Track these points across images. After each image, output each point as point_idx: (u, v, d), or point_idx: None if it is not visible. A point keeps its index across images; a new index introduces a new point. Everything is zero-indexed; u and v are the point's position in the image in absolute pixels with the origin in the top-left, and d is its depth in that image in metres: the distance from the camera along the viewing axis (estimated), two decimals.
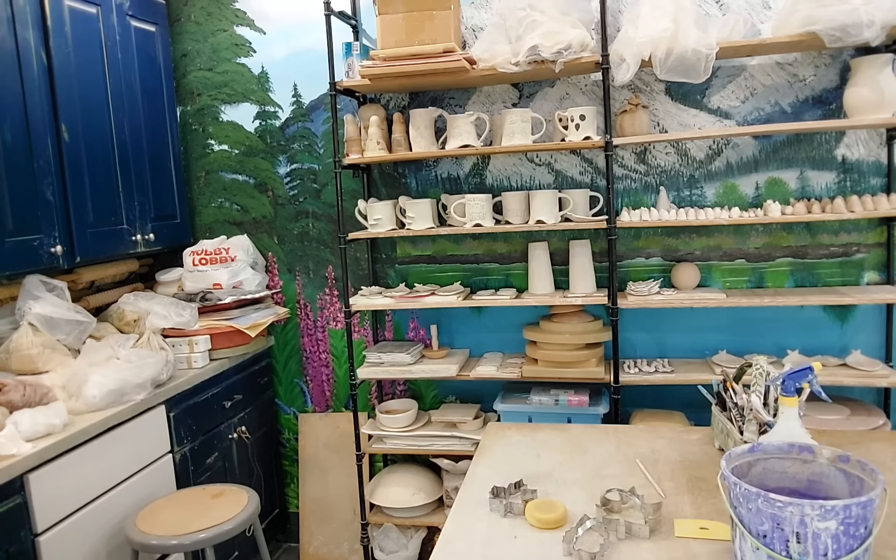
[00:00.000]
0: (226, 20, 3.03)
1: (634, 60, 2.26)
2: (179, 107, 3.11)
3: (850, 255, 2.52)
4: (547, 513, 1.28)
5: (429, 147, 2.58)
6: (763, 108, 2.52)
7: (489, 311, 2.85)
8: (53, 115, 2.31)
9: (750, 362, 1.56)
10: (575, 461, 1.57)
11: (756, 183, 2.56)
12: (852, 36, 2.10)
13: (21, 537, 1.78)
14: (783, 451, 1.12)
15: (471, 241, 2.84)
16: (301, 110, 2.99)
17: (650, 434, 1.72)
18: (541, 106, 2.69)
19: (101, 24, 2.55)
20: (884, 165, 2.45)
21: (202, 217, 3.17)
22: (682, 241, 2.65)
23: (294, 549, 3.15)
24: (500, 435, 1.79)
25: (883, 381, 2.28)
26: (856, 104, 2.26)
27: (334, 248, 3.02)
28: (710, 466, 1.48)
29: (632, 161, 2.67)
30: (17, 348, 2.17)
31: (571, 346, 2.53)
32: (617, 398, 2.46)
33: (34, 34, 2.23)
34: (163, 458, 2.35)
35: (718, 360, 2.50)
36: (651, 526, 1.21)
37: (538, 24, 2.32)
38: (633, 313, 2.65)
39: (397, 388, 3.03)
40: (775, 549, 0.94)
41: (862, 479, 1.02)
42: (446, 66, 2.33)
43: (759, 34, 2.42)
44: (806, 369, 1.27)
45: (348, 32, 2.82)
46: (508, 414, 2.54)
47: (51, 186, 2.27)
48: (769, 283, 2.60)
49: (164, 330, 2.54)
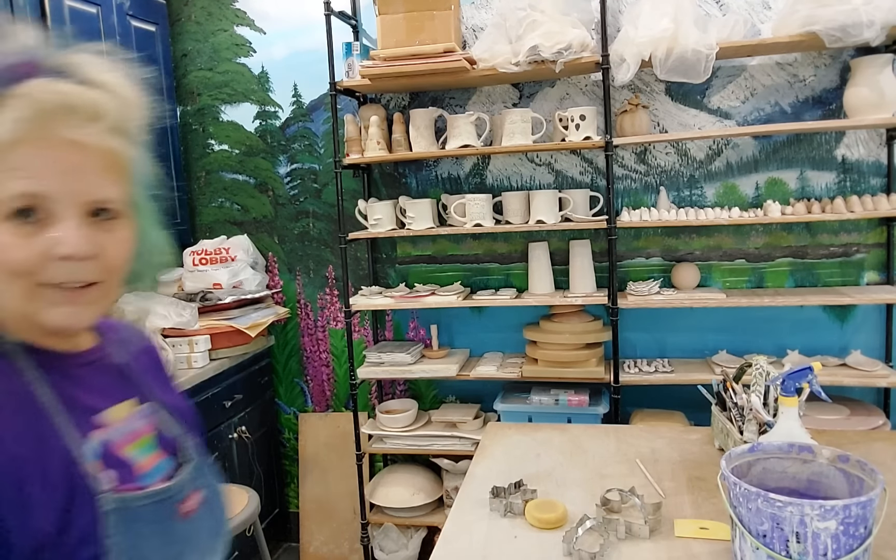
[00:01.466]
0: (226, 20, 3.03)
1: (634, 60, 2.26)
2: (179, 107, 3.11)
3: (850, 255, 2.52)
4: (547, 513, 1.28)
5: (429, 147, 2.58)
6: (763, 108, 2.52)
7: (489, 310, 2.85)
8: None
9: (750, 362, 1.56)
10: (575, 461, 1.57)
11: (756, 183, 2.56)
12: (852, 36, 2.10)
13: None
14: (783, 451, 1.12)
15: (471, 241, 2.84)
16: (301, 110, 2.99)
17: (650, 434, 1.72)
18: (541, 106, 2.69)
19: (102, 23, 2.55)
20: (884, 165, 2.45)
21: (202, 217, 3.17)
22: (682, 241, 2.65)
23: (294, 548, 3.15)
24: (500, 435, 1.79)
25: (883, 381, 2.28)
26: (856, 104, 2.26)
27: (334, 248, 3.02)
28: (710, 466, 1.48)
29: (632, 161, 2.67)
30: None
31: (571, 346, 2.53)
32: (617, 398, 2.47)
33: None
34: None
35: (718, 360, 2.50)
36: (651, 526, 1.21)
37: (538, 24, 2.32)
38: (633, 313, 2.65)
39: (397, 388, 3.03)
40: (775, 548, 0.94)
41: (862, 479, 1.02)
42: (446, 66, 2.33)
43: (759, 34, 2.42)
44: (806, 369, 1.27)
45: (348, 32, 2.82)
46: (508, 414, 2.54)
47: None
48: (769, 283, 2.60)
49: (164, 330, 2.54)
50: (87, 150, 0.68)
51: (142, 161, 0.77)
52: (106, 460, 0.73)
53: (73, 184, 0.67)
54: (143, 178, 0.79)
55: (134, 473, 0.75)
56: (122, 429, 0.77)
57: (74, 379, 0.76)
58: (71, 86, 0.68)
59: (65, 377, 0.75)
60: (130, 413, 0.79)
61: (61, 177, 0.67)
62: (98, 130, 0.69)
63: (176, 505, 0.77)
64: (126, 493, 0.72)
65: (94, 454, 0.72)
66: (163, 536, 0.75)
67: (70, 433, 0.70)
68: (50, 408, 0.70)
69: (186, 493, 0.79)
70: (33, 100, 0.65)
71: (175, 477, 0.79)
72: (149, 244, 0.81)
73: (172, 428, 0.83)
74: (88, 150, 0.68)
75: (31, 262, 0.66)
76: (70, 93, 0.67)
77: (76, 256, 0.67)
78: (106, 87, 0.71)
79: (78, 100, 0.68)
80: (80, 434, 0.71)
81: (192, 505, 0.79)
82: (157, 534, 0.74)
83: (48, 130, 0.66)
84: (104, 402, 0.77)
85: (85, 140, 0.68)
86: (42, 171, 0.66)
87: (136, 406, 0.81)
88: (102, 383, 0.79)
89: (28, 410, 0.69)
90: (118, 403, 0.78)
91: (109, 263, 0.72)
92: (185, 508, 0.78)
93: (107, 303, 0.76)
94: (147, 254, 0.81)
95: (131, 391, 0.82)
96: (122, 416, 0.78)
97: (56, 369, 0.74)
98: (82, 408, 0.74)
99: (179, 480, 0.78)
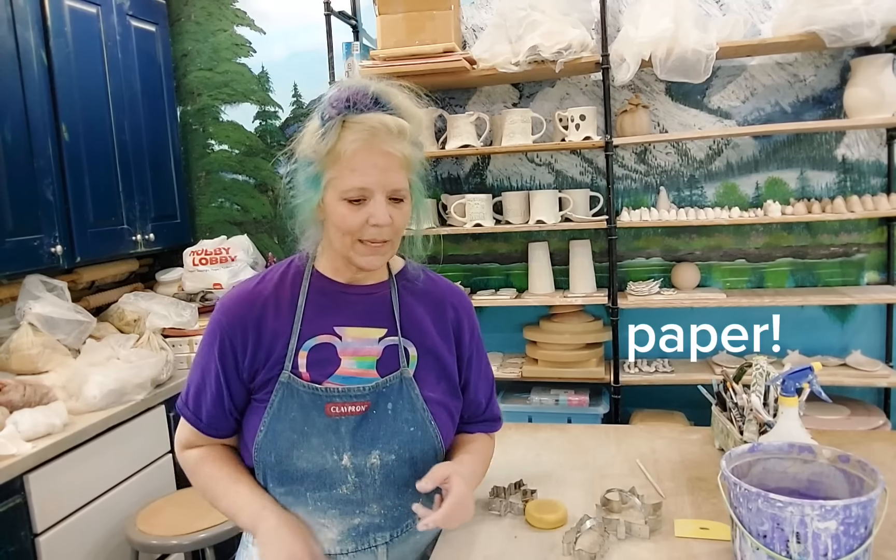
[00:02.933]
0: (226, 20, 3.03)
1: (634, 60, 2.26)
2: (180, 107, 3.11)
3: (850, 255, 2.52)
4: (547, 513, 1.28)
5: (429, 147, 2.58)
6: (763, 108, 2.52)
7: (489, 310, 2.85)
8: (53, 115, 2.31)
9: (750, 362, 1.56)
10: (575, 461, 1.57)
11: (756, 183, 2.56)
12: (852, 36, 2.10)
13: (21, 537, 1.78)
14: (783, 451, 1.11)
15: (471, 240, 2.84)
16: (301, 110, 2.98)
17: (650, 434, 1.72)
18: (541, 106, 2.69)
19: (102, 24, 2.55)
20: (884, 165, 2.44)
21: (202, 217, 3.17)
22: (682, 241, 2.65)
23: None
24: (500, 435, 1.79)
25: (883, 381, 2.28)
26: (856, 104, 2.26)
27: None
28: (710, 466, 1.48)
29: (632, 161, 2.66)
30: (17, 348, 2.17)
31: (571, 346, 2.53)
32: (617, 398, 2.46)
33: (34, 34, 2.23)
34: (163, 458, 2.35)
35: (718, 360, 2.50)
36: (651, 526, 1.21)
37: (538, 24, 2.32)
38: (633, 313, 2.65)
39: None
40: (775, 549, 0.94)
41: (862, 479, 1.01)
42: (446, 66, 2.33)
43: (759, 34, 2.42)
44: (806, 369, 1.27)
45: (348, 32, 2.82)
46: (508, 414, 2.54)
47: (51, 186, 2.27)
48: (769, 283, 2.60)
49: (165, 330, 2.54)
50: (393, 157, 1.04)
51: (420, 159, 1.11)
52: (313, 355, 1.11)
53: (384, 179, 1.04)
54: (420, 171, 1.12)
55: (330, 373, 1.11)
56: (350, 343, 1.13)
57: (339, 301, 1.15)
58: (387, 116, 1.03)
59: (329, 298, 1.14)
60: (365, 336, 1.13)
61: (377, 174, 1.03)
62: (402, 144, 1.05)
63: (325, 403, 1.09)
64: (295, 379, 1.09)
65: (306, 347, 1.11)
66: (304, 419, 1.08)
67: (299, 331, 1.11)
68: (298, 312, 1.12)
69: (344, 400, 1.10)
70: (367, 126, 1.02)
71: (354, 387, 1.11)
72: (419, 214, 1.16)
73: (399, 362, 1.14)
74: (394, 157, 1.04)
75: (356, 226, 1.04)
76: (387, 121, 1.03)
77: (382, 224, 1.04)
78: (407, 112, 1.07)
79: (392, 124, 1.03)
80: (311, 333, 1.12)
81: (341, 410, 1.09)
82: (300, 412, 1.09)
83: (373, 144, 1.02)
84: (354, 322, 1.14)
85: (393, 151, 1.03)
86: (368, 170, 1.03)
87: (378, 333, 1.14)
88: (363, 310, 1.15)
89: (286, 311, 1.12)
90: (366, 327, 1.14)
91: (397, 228, 1.08)
92: (332, 410, 1.09)
93: (391, 254, 1.13)
94: (418, 221, 1.16)
95: (385, 322, 1.15)
96: (357, 336, 1.13)
97: (328, 293, 1.14)
98: (331, 320, 1.13)
99: (334, 388, 1.10)
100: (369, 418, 1.10)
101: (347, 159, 1.03)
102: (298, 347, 1.11)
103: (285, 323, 1.11)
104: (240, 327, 1.11)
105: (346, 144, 1.02)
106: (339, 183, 1.04)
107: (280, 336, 1.11)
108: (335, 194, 1.05)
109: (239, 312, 1.11)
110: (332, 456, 1.08)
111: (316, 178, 1.07)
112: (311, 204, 1.09)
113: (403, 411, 1.12)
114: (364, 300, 1.16)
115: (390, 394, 1.12)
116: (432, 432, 1.14)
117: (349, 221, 1.04)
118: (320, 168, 1.06)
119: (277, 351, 1.10)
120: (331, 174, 1.05)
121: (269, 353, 1.10)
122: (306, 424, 1.08)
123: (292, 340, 1.10)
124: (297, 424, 1.08)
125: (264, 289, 1.14)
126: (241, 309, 1.12)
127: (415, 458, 1.13)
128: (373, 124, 1.02)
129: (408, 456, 1.12)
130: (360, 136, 1.02)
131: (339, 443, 1.09)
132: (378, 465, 1.10)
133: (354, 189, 1.03)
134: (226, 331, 1.11)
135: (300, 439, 1.08)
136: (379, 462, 1.10)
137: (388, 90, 1.07)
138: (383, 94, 1.06)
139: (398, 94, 1.08)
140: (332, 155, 1.04)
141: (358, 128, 1.02)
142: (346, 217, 1.04)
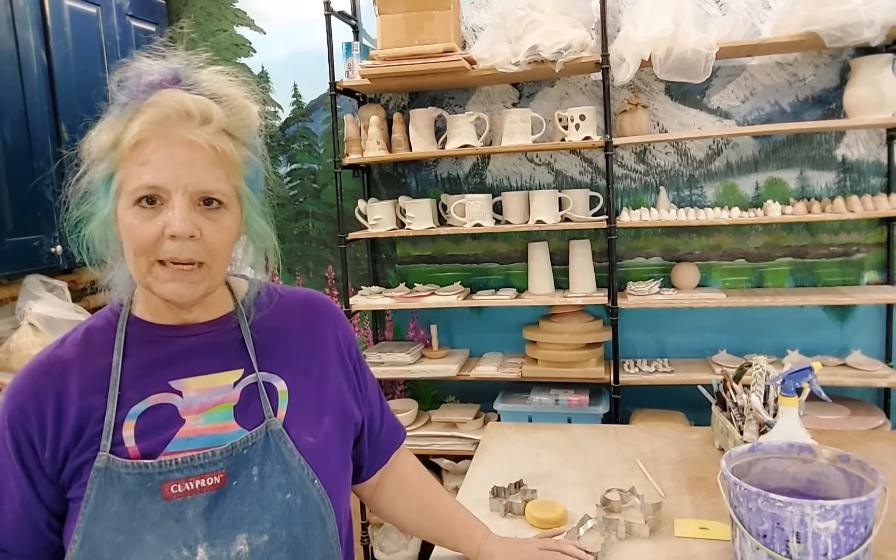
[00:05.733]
0: (226, 20, 3.03)
1: (634, 60, 2.26)
2: None
3: (850, 255, 2.52)
4: (547, 513, 1.28)
5: (429, 147, 2.58)
6: (763, 107, 2.52)
7: (489, 310, 2.85)
8: (53, 115, 2.31)
9: (750, 362, 1.56)
10: (575, 461, 1.57)
11: (756, 183, 2.56)
12: (852, 36, 2.10)
13: None
14: (783, 451, 1.12)
15: (471, 241, 2.84)
16: (301, 110, 2.99)
17: (650, 434, 1.72)
18: (541, 106, 2.69)
19: (101, 24, 2.55)
20: (884, 165, 2.45)
21: None
22: (682, 241, 2.65)
23: None
24: (500, 435, 1.79)
25: (883, 381, 2.28)
26: (856, 104, 2.26)
27: (334, 248, 3.01)
28: (710, 466, 1.48)
29: (632, 161, 2.67)
30: (17, 348, 2.17)
31: (571, 346, 2.53)
32: (617, 398, 2.46)
33: (34, 34, 2.23)
34: None
35: (718, 360, 2.50)
36: (651, 526, 1.21)
37: (538, 24, 2.32)
38: (633, 313, 2.65)
39: (397, 388, 3.03)
40: (775, 548, 0.94)
41: (862, 479, 1.02)
42: (446, 66, 2.33)
43: (759, 34, 2.42)
44: (806, 369, 1.27)
45: (348, 32, 2.82)
46: (508, 414, 2.54)
47: (51, 186, 2.27)
48: (769, 283, 2.60)
49: None
50: (199, 148, 0.80)
51: (252, 161, 0.90)
52: (145, 422, 0.85)
53: (184, 175, 0.80)
54: (253, 176, 0.91)
55: (169, 439, 0.85)
56: (195, 398, 0.88)
57: (171, 348, 0.89)
58: (189, 95, 0.82)
59: (157, 348, 0.89)
60: (214, 384, 0.89)
61: (174, 169, 0.79)
62: (213, 134, 0.82)
63: (161, 484, 0.82)
64: (115, 459, 0.82)
65: (133, 415, 0.85)
66: (130, 512, 0.81)
67: (118, 396, 0.85)
68: (114, 372, 0.86)
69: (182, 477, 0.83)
70: (159, 106, 0.80)
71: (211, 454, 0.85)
72: (253, 233, 0.92)
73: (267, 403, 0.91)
74: (200, 149, 0.80)
75: (149, 239, 0.80)
76: (186, 100, 0.81)
77: (180, 234, 0.79)
78: (221, 97, 0.85)
79: (193, 106, 0.81)
80: (138, 396, 0.86)
81: (185, 488, 0.83)
82: (124, 503, 0.81)
83: (168, 130, 0.79)
84: (195, 370, 0.89)
85: (197, 139, 0.80)
86: (162, 163, 0.79)
87: (233, 376, 0.91)
88: (206, 353, 0.91)
89: (97, 375, 0.86)
90: (213, 373, 0.90)
91: (212, 247, 0.83)
92: (171, 491, 0.83)
93: (210, 283, 0.86)
94: (253, 240, 0.93)
95: (239, 361, 0.92)
96: (202, 387, 0.89)
97: (154, 341, 0.89)
98: (163, 374, 0.88)
99: (171, 461, 0.83)
100: (228, 494, 0.84)
101: (138, 152, 0.80)
102: (122, 418, 0.84)
103: (97, 390, 0.85)
104: (33, 409, 0.83)
105: (132, 132, 0.80)
106: (128, 183, 0.81)
107: (92, 409, 0.84)
108: (126, 201, 0.81)
109: (29, 391, 0.84)
110: (179, 554, 0.80)
111: (105, 184, 0.85)
112: (100, 217, 0.85)
113: (274, 475, 0.87)
114: (205, 341, 0.91)
115: (253, 456, 0.87)
116: (315, 494, 0.89)
117: (139, 233, 0.80)
118: (108, 169, 0.84)
119: (90, 428, 0.84)
120: (121, 175, 0.82)
121: (77, 434, 0.83)
122: (134, 519, 0.80)
123: (109, 410, 0.84)
124: (122, 521, 0.80)
125: (64, 353, 0.87)
126: (32, 385, 0.85)
127: (295, 535, 0.86)
128: (167, 104, 0.80)
129: (285, 534, 0.85)
130: (151, 119, 0.80)
131: (187, 533, 0.81)
132: (247, 553, 0.83)
133: (143, 186, 0.79)
134: (17, 420, 0.83)
135: (127, 541, 0.80)
136: (248, 548, 0.83)
137: (201, 72, 0.86)
138: (189, 74, 0.85)
139: (218, 78, 0.87)
140: (119, 149, 0.81)
141: (150, 111, 0.80)
142: (136, 227, 0.80)
